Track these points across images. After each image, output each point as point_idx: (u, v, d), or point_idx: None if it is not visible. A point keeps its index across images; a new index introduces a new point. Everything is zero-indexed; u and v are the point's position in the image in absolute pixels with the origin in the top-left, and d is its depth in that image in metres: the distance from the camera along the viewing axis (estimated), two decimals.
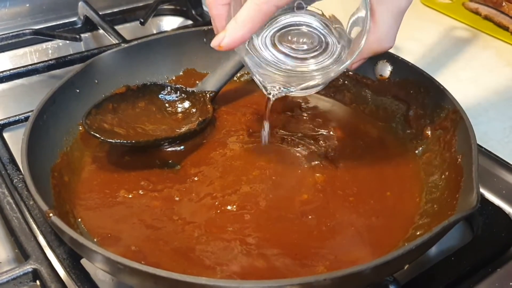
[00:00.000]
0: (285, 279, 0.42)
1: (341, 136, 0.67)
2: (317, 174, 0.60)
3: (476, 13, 0.97)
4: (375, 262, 0.42)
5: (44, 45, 0.95)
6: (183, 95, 0.70)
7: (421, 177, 0.60)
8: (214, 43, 0.49)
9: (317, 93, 0.74)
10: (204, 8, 1.03)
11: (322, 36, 0.54)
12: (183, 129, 0.66)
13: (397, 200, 0.58)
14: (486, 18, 0.95)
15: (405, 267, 0.46)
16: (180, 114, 0.69)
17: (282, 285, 0.41)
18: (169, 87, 0.70)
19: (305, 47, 0.54)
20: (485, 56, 0.88)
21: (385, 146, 0.66)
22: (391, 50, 0.69)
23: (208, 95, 0.70)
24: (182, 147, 0.65)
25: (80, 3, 0.98)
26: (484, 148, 0.67)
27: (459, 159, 0.56)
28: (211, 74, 0.71)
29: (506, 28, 0.92)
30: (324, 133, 0.67)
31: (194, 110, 0.69)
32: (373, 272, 0.42)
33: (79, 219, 0.55)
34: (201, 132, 0.66)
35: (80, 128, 0.64)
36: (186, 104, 0.70)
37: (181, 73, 0.75)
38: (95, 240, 0.53)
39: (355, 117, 0.71)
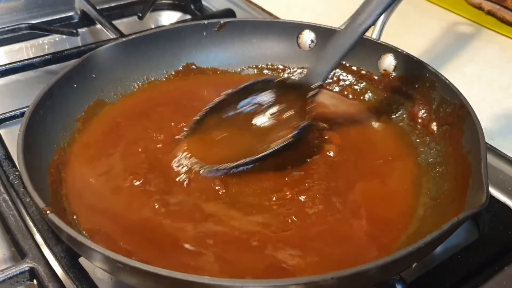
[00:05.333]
0: (291, 278, 0.41)
1: (343, 131, 0.66)
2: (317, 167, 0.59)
3: (479, 8, 0.96)
4: (382, 260, 0.41)
5: (40, 40, 0.94)
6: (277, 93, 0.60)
7: (427, 173, 0.59)
8: None
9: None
10: (203, 2, 1.02)
11: None
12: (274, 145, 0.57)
13: (401, 197, 0.57)
14: (489, 13, 0.94)
15: (413, 266, 0.45)
16: (268, 121, 0.60)
17: (287, 284, 0.40)
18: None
19: None
20: (489, 51, 0.88)
21: (389, 142, 0.65)
22: (394, 44, 0.68)
23: (313, 89, 0.59)
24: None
25: None
26: (490, 145, 0.66)
27: (467, 155, 0.55)
28: (318, 63, 0.61)
29: (509, 23, 0.91)
30: (327, 127, 0.66)
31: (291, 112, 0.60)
32: (380, 271, 0.41)
33: (75, 216, 0.53)
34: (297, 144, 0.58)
35: (78, 124, 0.63)
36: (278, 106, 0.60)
37: (180, 68, 0.74)
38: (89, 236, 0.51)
39: (359, 112, 0.69)
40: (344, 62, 0.72)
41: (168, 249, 0.50)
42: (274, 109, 0.60)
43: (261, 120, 0.60)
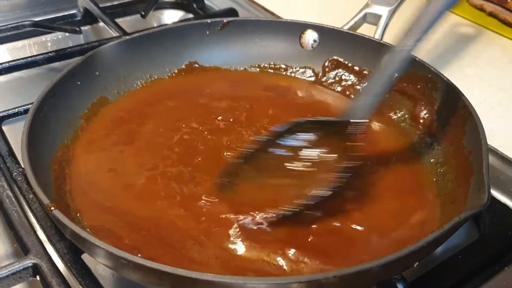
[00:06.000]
0: (293, 276, 0.42)
1: None
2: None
3: (481, 9, 0.96)
4: (384, 259, 0.41)
5: (43, 37, 0.94)
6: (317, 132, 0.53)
7: (428, 174, 0.59)
8: None
9: (323, 86, 0.74)
10: (206, 1, 1.02)
11: None
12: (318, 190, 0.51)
13: (401, 197, 0.57)
14: (491, 14, 0.94)
15: (415, 265, 0.45)
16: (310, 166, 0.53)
17: (290, 282, 0.40)
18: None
19: None
20: (490, 53, 0.88)
21: (390, 142, 0.65)
22: None
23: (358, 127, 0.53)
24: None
25: None
26: (491, 146, 0.67)
27: (468, 156, 0.55)
28: (361, 95, 0.56)
29: (511, 25, 0.91)
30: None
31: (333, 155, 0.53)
32: (382, 269, 0.41)
33: (78, 214, 0.54)
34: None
35: (82, 121, 0.63)
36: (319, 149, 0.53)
37: (183, 66, 0.74)
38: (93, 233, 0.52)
39: None
40: (346, 62, 0.72)
41: (175, 245, 0.50)
42: (312, 152, 0.54)
43: (299, 165, 0.54)
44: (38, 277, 0.51)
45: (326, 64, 0.74)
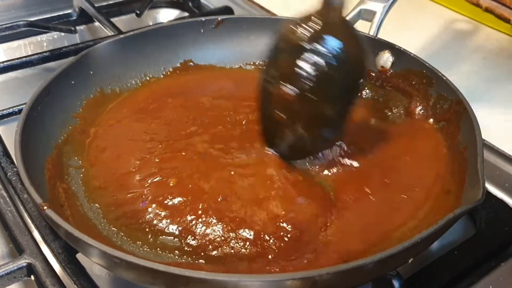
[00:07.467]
0: (287, 273, 0.41)
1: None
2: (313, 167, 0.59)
3: (477, 5, 0.96)
4: (378, 255, 0.41)
5: (38, 37, 0.94)
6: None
7: (424, 170, 0.59)
8: None
9: None
10: (201, 0, 1.02)
11: None
12: None
13: (397, 193, 0.57)
14: (487, 10, 0.94)
15: (410, 261, 0.45)
16: None
17: (283, 279, 0.40)
18: None
19: None
20: (486, 48, 0.87)
21: (386, 139, 0.64)
22: (392, 41, 0.68)
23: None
24: None
25: None
26: (487, 141, 0.66)
27: (463, 151, 0.55)
28: None
29: (507, 21, 0.91)
30: None
31: None
32: (376, 266, 0.41)
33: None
34: None
35: (78, 120, 0.63)
36: None
37: (178, 65, 0.74)
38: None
39: (355, 109, 0.69)
40: None
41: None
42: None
43: None
44: (32, 277, 0.51)
45: None
